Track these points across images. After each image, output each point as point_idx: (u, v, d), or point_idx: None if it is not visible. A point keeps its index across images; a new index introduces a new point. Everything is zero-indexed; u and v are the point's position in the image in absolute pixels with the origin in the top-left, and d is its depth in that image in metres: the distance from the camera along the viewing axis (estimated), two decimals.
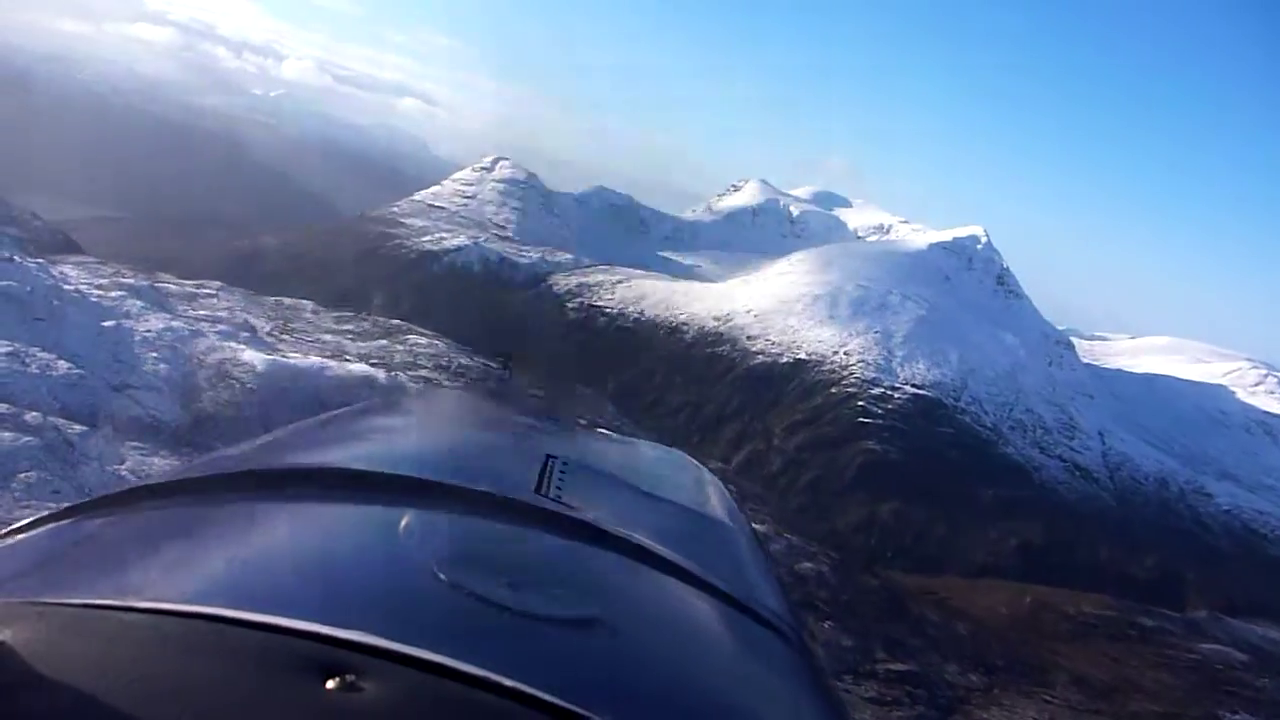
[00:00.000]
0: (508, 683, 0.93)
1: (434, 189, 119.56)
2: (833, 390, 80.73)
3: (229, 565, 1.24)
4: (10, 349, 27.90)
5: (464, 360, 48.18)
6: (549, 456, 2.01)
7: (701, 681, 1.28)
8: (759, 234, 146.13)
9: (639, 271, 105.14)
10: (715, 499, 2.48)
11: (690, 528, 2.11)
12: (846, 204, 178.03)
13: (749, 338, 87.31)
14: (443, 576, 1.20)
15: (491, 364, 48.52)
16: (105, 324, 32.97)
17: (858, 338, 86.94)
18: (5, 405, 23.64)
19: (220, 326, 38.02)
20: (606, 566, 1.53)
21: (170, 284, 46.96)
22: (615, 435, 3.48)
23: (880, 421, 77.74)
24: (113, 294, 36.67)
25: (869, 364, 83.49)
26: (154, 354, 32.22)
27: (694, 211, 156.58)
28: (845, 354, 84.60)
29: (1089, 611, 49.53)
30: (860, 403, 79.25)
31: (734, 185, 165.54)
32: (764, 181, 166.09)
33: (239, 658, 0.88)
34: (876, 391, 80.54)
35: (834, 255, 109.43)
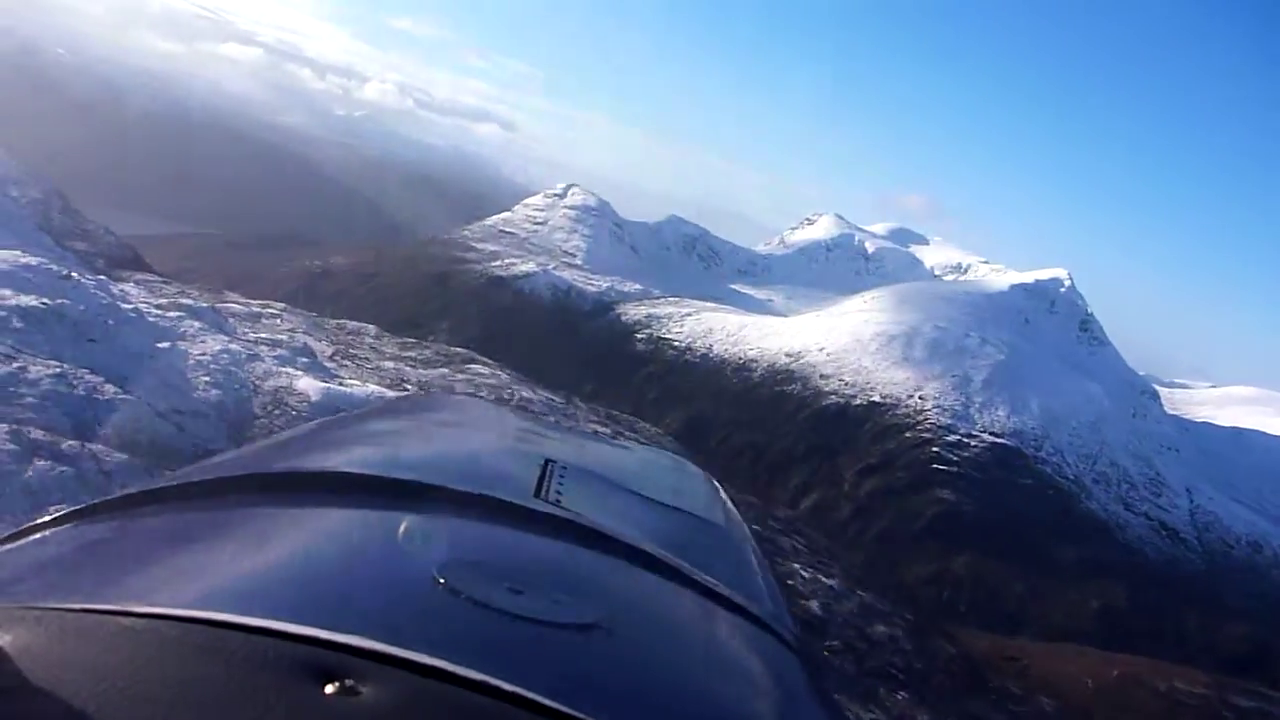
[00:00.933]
0: (508, 687, 0.93)
1: (505, 214, 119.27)
2: (907, 435, 77.74)
3: (229, 570, 1.25)
4: (59, 370, 26.80)
5: (526, 393, 46.54)
6: (548, 460, 2.01)
7: (701, 686, 1.29)
8: (833, 269, 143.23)
9: (709, 304, 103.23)
10: (715, 503, 2.48)
11: (690, 532, 2.10)
12: (923, 241, 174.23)
13: (821, 377, 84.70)
14: (442, 581, 1.21)
15: (555, 397, 46.88)
16: (160, 345, 31.90)
17: (934, 381, 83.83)
18: (43, 433, 22.60)
19: (279, 351, 36.81)
20: (606, 571, 1.54)
21: (234, 304, 46.23)
22: (614, 439, 3.31)
23: (956, 470, 74.53)
24: (171, 314, 35.67)
25: (945, 409, 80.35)
26: (206, 378, 31.02)
27: (767, 245, 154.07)
28: (921, 398, 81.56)
29: (1181, 688, 45.93)
30: (935, 449, 76.14)
31: (808, 219, 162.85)
32: (839, 216, 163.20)
33: (239, 662, 0.88)
34: (953, 438, 77.34)
35: (910, 294, 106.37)
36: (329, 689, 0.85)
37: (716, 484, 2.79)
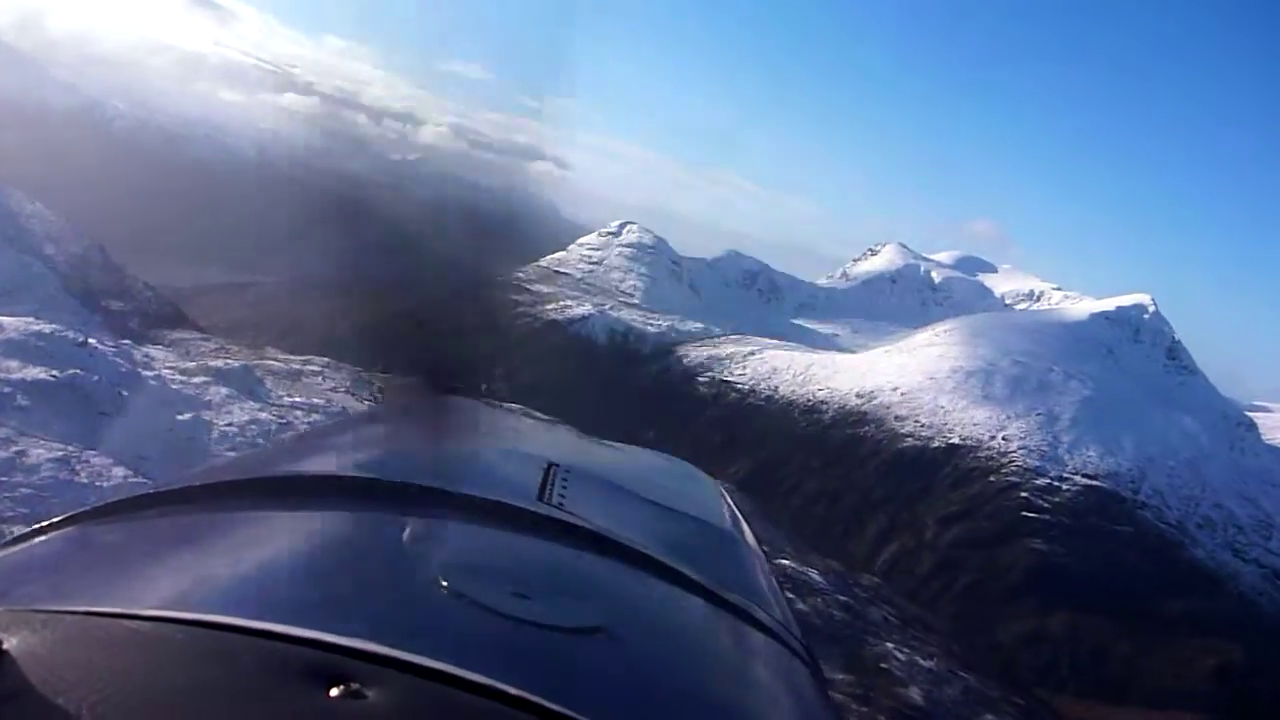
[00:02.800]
0: (512, 691, 0.94)
1: (560, 254, 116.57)
2: (991, 479, 72.75)
3: (233, 573, 1.26)
4: (61, 454, 23.85)
5: None
6: (551, 464, 2.02)
7: (705, 690, 1.30)
8: (899, 301, 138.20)
9: (773, 342, 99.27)
10: (718, 507, 2.51)
11: (693, 535, 2.11)
12: (992, 269, 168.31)
13: (896, 418, 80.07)
14: (446, 584, 1.21)
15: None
16: (180, 418, 29.04)
17: (1018, 420, 78.76)
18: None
19: (314, 417, 33.86)
20: (610, 574, 1.55)
21: (274, 360, 43.82)
22: (616, 444, 3.09)
23: (1047, 517, 69.38)
24: (197, 379, 32.92)
25: (1032, 450, 75.25)
26: (231, 453, 28.13)
27: (829, 277, 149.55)
28: (1004, 438, 76.54)
29: None
30: (1023, 494, 71.05)
31: (871, 249, 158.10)
32: (902, 245, 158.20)
33: (244, 665, 0.88)
34: (1042, 482, 72.21)
35: (985, 326, 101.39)
36: (334, 692, 0.86)
37: (720, 488, 2.75)
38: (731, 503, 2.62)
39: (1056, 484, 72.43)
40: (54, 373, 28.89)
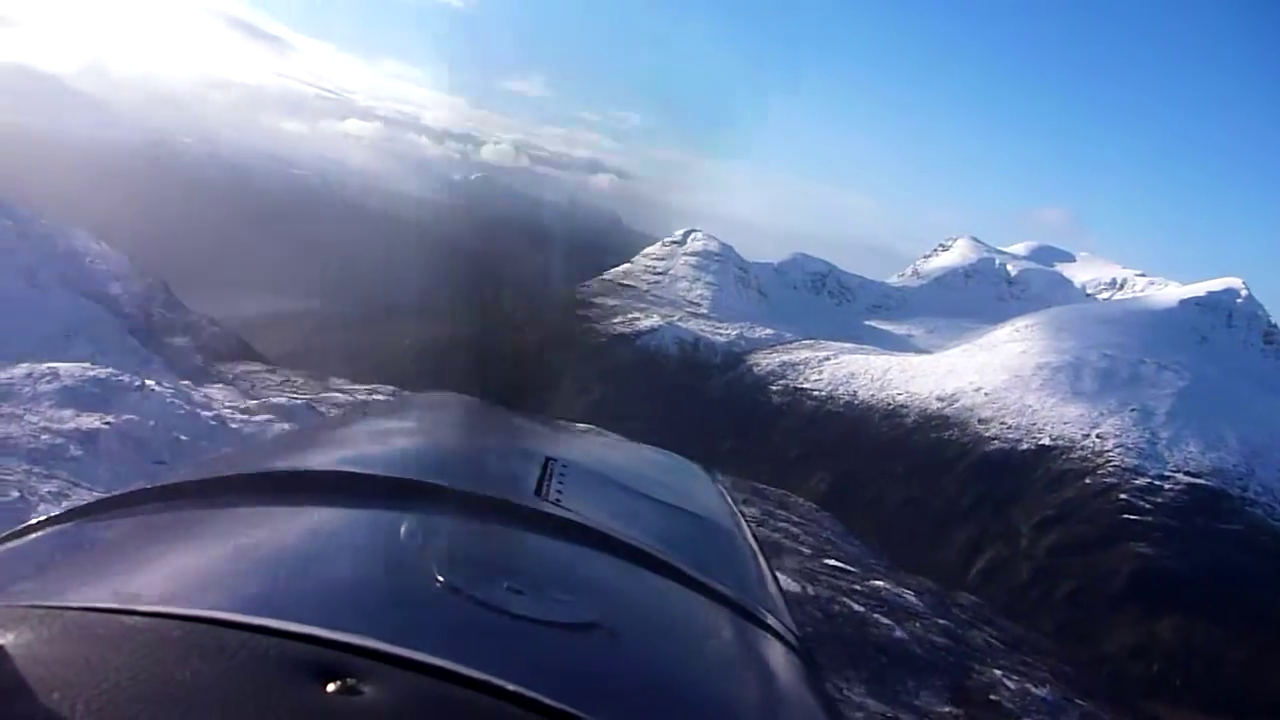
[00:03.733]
0: (509, 686, 0.94)
1: (625, 266, 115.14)
2: (1087, 481, 69.18)
3: (230, 569, 1.26)
4: None
5: None
6: (549, 459, 2.02)
7: (702, 686, 1.31)
8: (974, 296, 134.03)
9: (847, 345, 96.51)
10: (716, 503, 2.51)
11: (691, 531, 2.12)
12: (1070, 258, 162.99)
13: (980, 420, 76.79)
14: (443, 580, 1.22)
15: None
16: None
17: (1111, 416, 74.98)
18: None
19: None
20: (607, 570, 1.56)
21: (339, 392, 42.81)
22: (615, 438, 3.30)
23: (1150, 519, 65.63)
24: (259, 418, 31.68)
25: (1129, 448, 71.45)
26: None
27: (900, 276, 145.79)
28: (1099, 437, 72.84)
29: None
30: (1123, 496, 67.37)
31: (942, 244, 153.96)
32: (975, 239, 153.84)
33: (240, 661, 0.89)
34: (1142, 482, 68.45)
35: (1067, 318, 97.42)
36: (330, 688, 0.86)
37: (719, 482, 2.79)
38: (730, 498, 2.60)
39: (1157, 483, 68.61)
40: (108, 420, 28.04)
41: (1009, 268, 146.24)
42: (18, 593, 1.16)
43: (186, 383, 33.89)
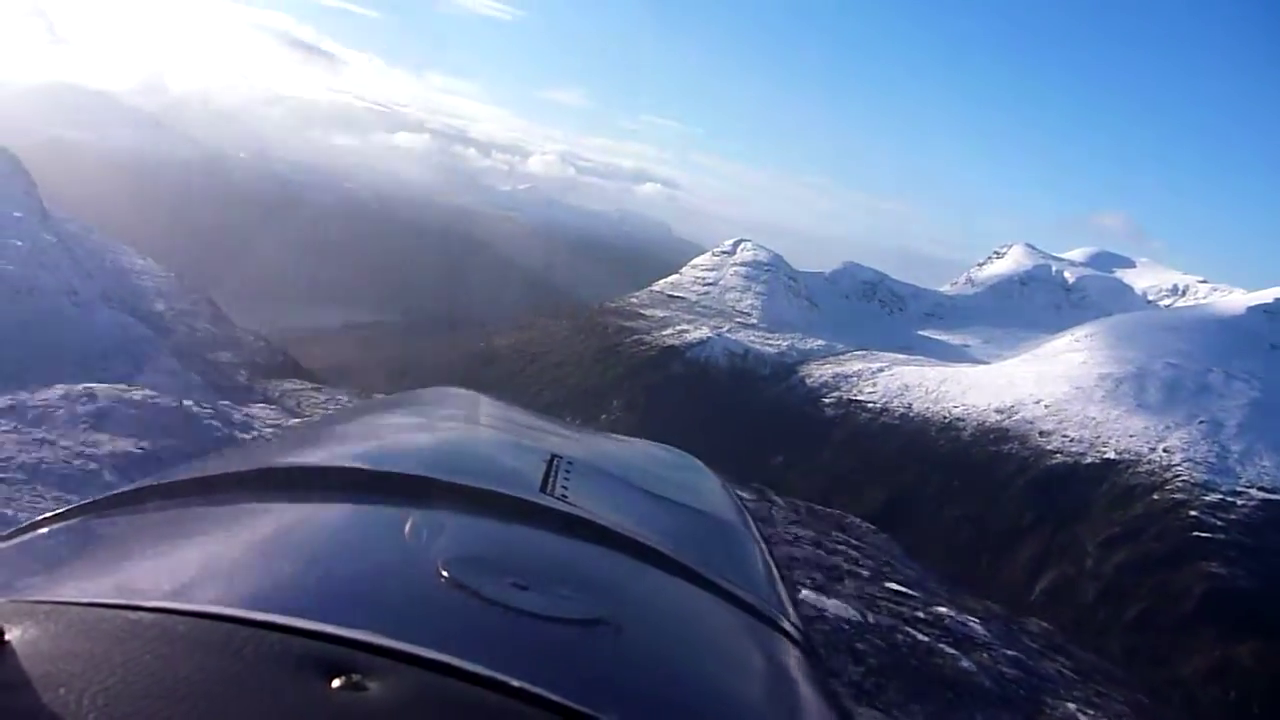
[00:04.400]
0: (514, 682, 0.94)
1: (674, 277, 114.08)
2: (1155, 497, 66.63)
3: (235, 564, 1.26)
4: None
5: None
6: (554, 455, 2.01)
7: (707, 682, 1.30)
8: (1030, 305, 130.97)
9: (900, 356, 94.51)
10: (722, 499, 2.44)
11: (697, 528, 2.10)
12: (1129, 264, 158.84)
13: (1042, 433, 74.46)
14: (448, 576, 1.22)
15: (743, 495, 40.31)
16: None
17: (1179, 429, 72.29)
18: None
19: None
20: (612, 566, 1.55)
21: None
22: (619, 436, 3.05)
23: (1222, 536, 62.94)
24: None
25: (1198, 462, 68.75)
26: None
27: (953, 284, 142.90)
28: (1165, 450, 70.22)
29: None
30: (1193, 512, 64.74)
31: (996, 252, 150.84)
32: (1030, 245, 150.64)
33: (245, 657, 0.90)
34: (1213, 498, 65.73)
35: (1129, 326, 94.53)
36: (335, 683, 0.87)
37: (723, 480, 2.71)
38: (735, 495, 2.55)
39: (1230, 499, 65.87)
40: (143, 444, 27.50)
41: (1066, 274, 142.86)
42: (24, 588, 1.17)
43: (227, 403, 33.30)
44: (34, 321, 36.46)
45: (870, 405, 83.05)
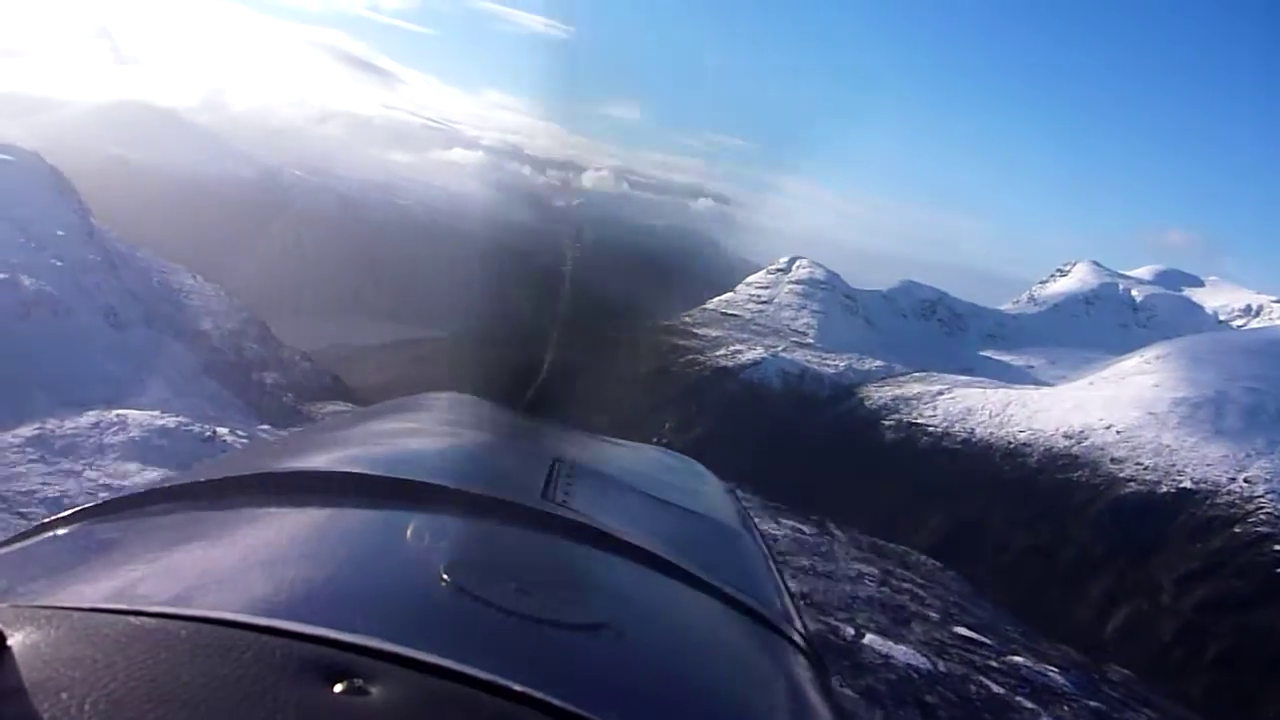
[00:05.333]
0: (516, 687, 0.95)
1: (728, 295, 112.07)
2: (1236, 529, 63.14)
3: (238, 569, 1.27)
4: None
5: (769, 525, 38.06)
6: (555, 461, 2.02)
7: (710, 687, 1.31)
8: (1096, 325, 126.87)
9: (962, 378, 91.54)
10: (723, 504, 2.52)
11: (698, 532, 2.13)
12: (1198, 283, 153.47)
13: (1113, 460, 71.17)
14: (450, 581, 1.22)
15: (804, 528, 38.47)
16: None
17: (1261, 458, 68.59)
18: None
19: None
20: (614, 571, 1.56)
21: None
22: (622, 441, 3.13)
23: None
24: None
25: None
26: None
27: (1015, 303, 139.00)
28: (1247, 480, 66.65)
29: None
30: (1278, 547, 61.31)
31: (1060, 269, 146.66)
32: (1095, 263, 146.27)
33: (248, 661, 0.89)
34: None
35: (1203, 348, 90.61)
36: (338, 688, 0.87)
37: (725, 485, 2.76)
38: (738, 501, 2.53)
39: None
40: (172, 475, 26.56)
41: (1133, 293, 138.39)
42: (27, 593, 1.18)
43: (265, 428, 32.20)
44: (71, 343, 35.97)
45: (931, 429, 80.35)
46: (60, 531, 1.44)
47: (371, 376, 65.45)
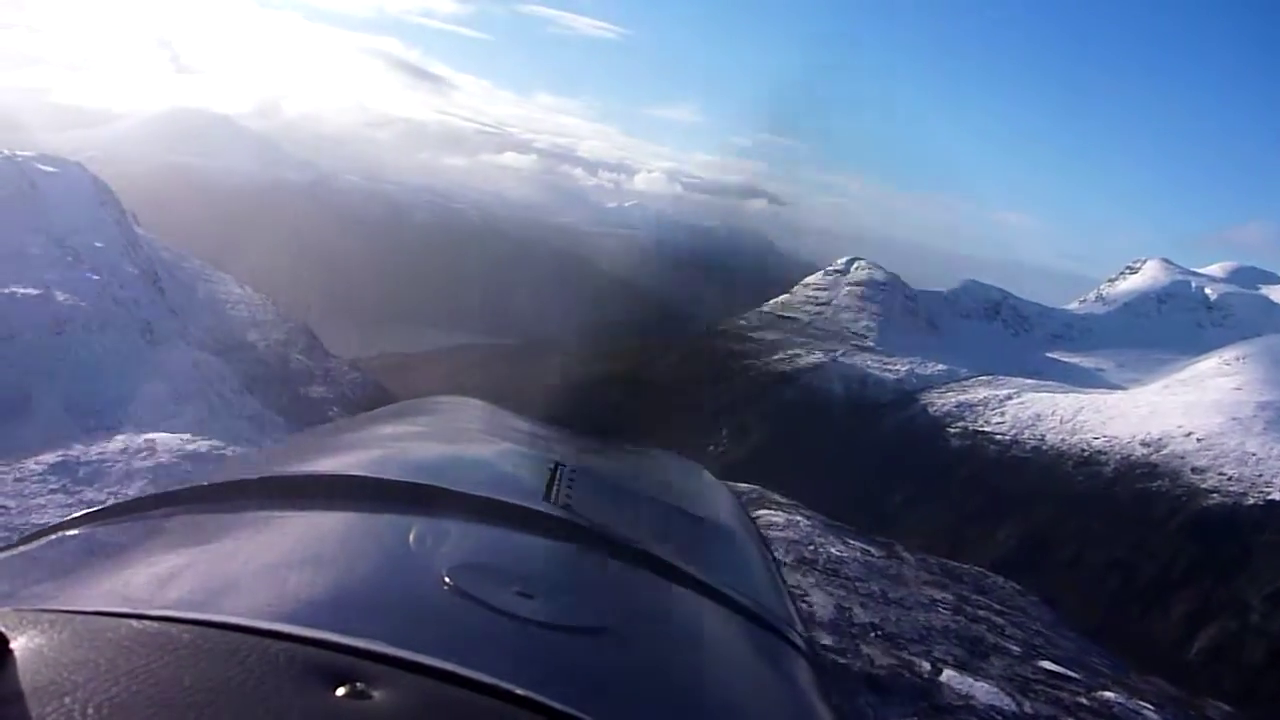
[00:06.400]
0: (518, 691, 0.95)
1: (785, 297, 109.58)
2: None
3: (242, 573, 1.28)
4: None
5: (836, 548, 35.89)
6: (557, 464, 2.03)
7: (711, 690, 1.33)
8: (1168, 325, 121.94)
9: (1029, 382, 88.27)
10: (727, 507, 2.54)
11: (700, 536, 2.15)
12: (1275, 280, 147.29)
13: (1194, 469, 67.76)
14: (452, 584, 1.23)
15: (872, 550, 36.21)
16: None
17: None
18: None
19: None
20: (617, 575, 1.58)
21: None
22: (624, 444, 3.08)
23: None
24: None
25: None
26: None
27: (1082, 301, 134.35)
28: None
29: None
30: None
31: (1129, 267, 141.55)
32: (1167, 260, 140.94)
33: (251, 665, 0.89)
34: None
35: None
36: (340, 692, 0.87)
37: (728, 488, 2.72)
38: (740, 503, 2.50)
39: None
40: None
41: (1207, 291, 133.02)
42: (31, 597, 1.19)
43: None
44: (106, 362, 34.91)
45: (999, 437, 77.33)
46: (64, 535, 1.45)
47: (420, 385, 64.21)
